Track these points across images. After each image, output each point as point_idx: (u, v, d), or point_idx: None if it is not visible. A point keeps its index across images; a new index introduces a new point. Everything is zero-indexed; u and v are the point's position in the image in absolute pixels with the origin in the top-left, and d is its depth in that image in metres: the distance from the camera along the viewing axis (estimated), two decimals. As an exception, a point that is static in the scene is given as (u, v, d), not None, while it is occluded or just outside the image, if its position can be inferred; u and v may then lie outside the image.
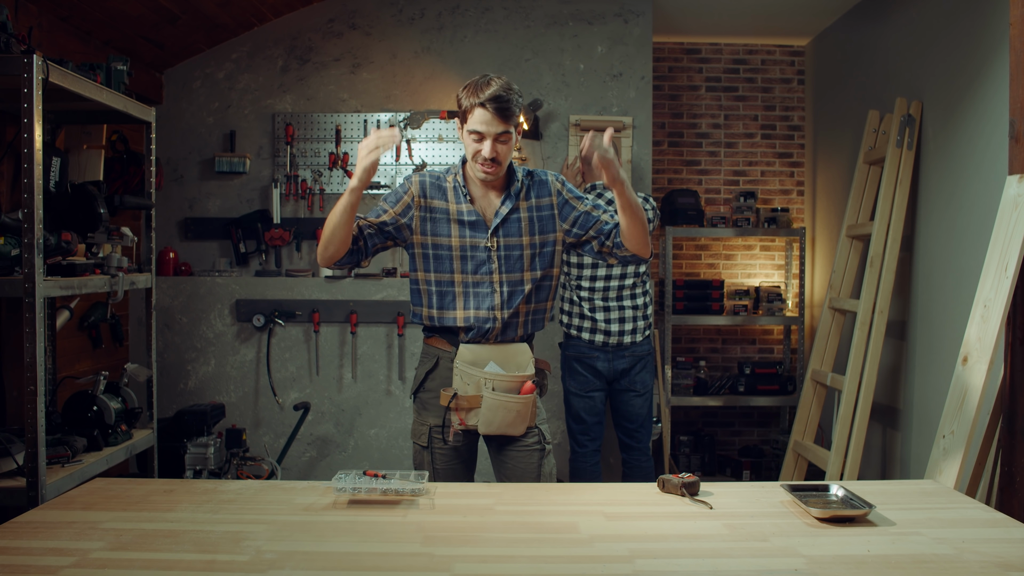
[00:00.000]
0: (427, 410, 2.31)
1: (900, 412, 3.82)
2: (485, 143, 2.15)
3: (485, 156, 2.15)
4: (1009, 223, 2.38)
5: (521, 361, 2.26)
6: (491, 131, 2.13)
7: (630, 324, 3.44)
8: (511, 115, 2.13)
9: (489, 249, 2.24)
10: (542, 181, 2.31)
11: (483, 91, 2.11)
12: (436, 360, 2.30)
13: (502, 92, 2.11)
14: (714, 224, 4.78)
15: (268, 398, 4.11)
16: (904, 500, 1.93)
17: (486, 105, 2.10)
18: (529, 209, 2.28)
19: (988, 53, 3.14)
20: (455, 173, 2.29)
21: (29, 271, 2.29)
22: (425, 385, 2.31)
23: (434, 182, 2.28)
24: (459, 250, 2.24)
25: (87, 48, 3.44)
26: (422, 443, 2.31)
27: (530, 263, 2.27)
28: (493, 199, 2.27)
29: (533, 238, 2.27)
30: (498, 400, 2.20)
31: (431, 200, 2.26)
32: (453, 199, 2.26)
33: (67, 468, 2.51)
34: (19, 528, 1.70)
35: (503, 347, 2.26)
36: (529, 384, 2.23)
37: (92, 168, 3.17)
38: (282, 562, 1.51)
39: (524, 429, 2.26)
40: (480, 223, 2.24)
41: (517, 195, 2.27)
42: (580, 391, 3.49)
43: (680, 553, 1.58)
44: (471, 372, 2.21)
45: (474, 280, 2.24)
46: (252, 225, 4.13)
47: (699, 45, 5.12)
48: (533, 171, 2.34)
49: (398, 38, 4.21)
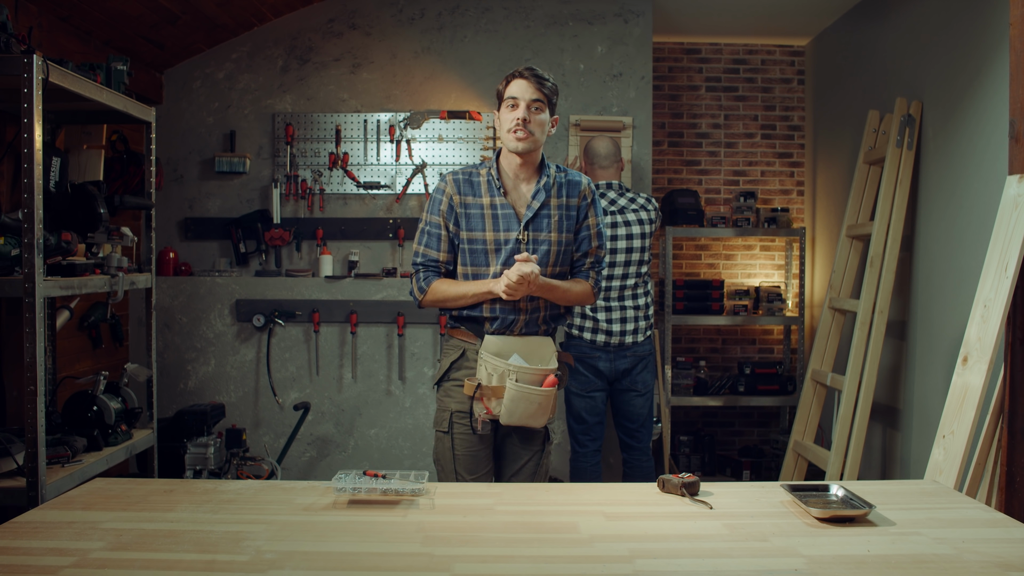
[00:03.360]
0: (450, 397, 2.37)
1: (900, 412, 3.82)
2: (519, 107, 2.27)
3: (519, 117, 2.26)
4: (1009, 223, 2.38)
5: (544, 354, 2.33)
6: (526, 96, 2.27)
7: (631, 324, 3.44)
8: (545, 85, 2.29)
9: (520, 242, 2.32)
10: (575, 182, 2.40)
11: (519, 67, 2.32)
12: (462, 351, 2.37)
13: (536, 68, 2.33)
14: (714, 224, 4.77)
15: (268, 398, 4.11)
16: (904, 500, 1.93)
17: (523, 73, 2.29)
18: (559, 208, 2.36)
19: (988, 53, 3.14)
20: (490, 167, 2.37)
21: (29, 271, 2.29)
22: (449, 375, 2.38)
23: (466, 179, 2.37)
24: (493, 243, 2.33)
25: (87, 48, 3.44)
26: (443, 429, 2.37)
27: (555, 259, 2.35)
28: (524, 191, 2.36)
29: (560, 235, 2.35)
30: (521, 391, 2.24)
31: (465, 197, 2.35)
32: (487, 192, 2.35)
33: (67, 468, 2.51)
34: (19, 528, 1.70)
35: (527, 339, 2.33)
36: (552, 377, 2.28)
37: (92, 168, 3.17)
38: (282, 562, 1.51)
39: (544, 421, 2.33)
40: (512, 216, 2.33)
41: (548, 189, 2.35)
42: (581, 391, 3.49)
43: (680, 553, 1.58)
44: (495, 363, 2.26)
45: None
46: (252, 225, 4.13)
47: (699, 45, 5.12)
48: (567, 169, 2.42)
49: (398, 38, 4.21)
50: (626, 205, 3.47)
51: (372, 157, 4.18)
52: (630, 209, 3.47)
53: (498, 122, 2.35)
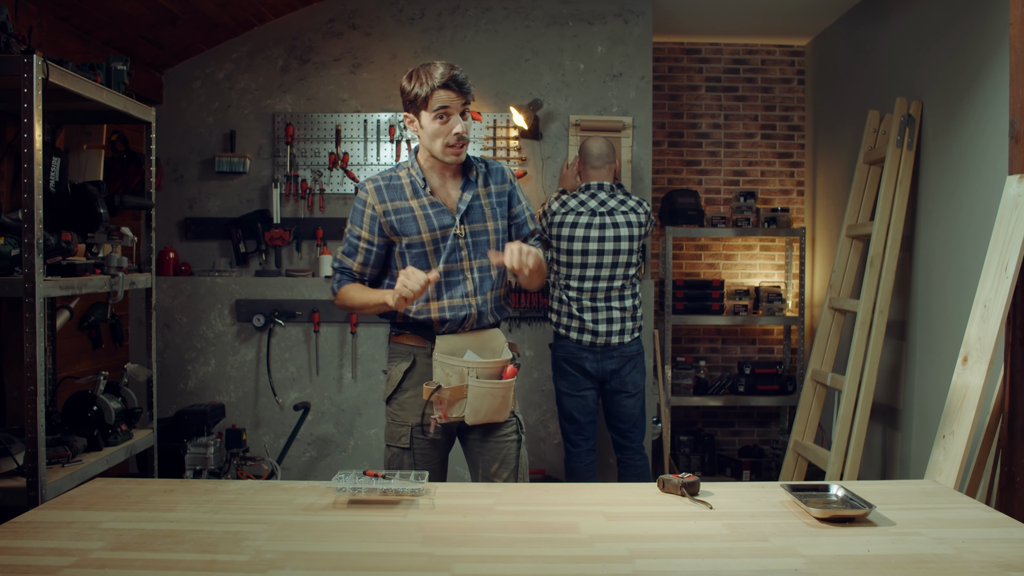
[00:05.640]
0: (406, 410, 2.30)
1: (900, 412, 3.82)
2: (453, 120, 2.17)
3: (457, 132, 2.18)
4: (1009, 223, 2.38)
5: (496, 346, 2.29)
6: (456, 106, 2.16)
7: (618, 325, 3.45)
8: (468, 90, 2.19)
9: (458, 237, 2.26)
10: (499, 169, 2.37)
11: (435, 72, 2.14)
12: (413, 358, 2.30)
13: (454, 70, 2.16)
14: (714, 224, 4.78)
15: (268, 398, 4.11)
16: (904, 500, 1.93)
17: (448, 85, 2.15)
18: (489, 195, 2.32)
19: (988, 53, 3.14)
20: (408, 167, 2.29)
21: (29, 271, 2.29)
22: (402, 386, 2.31)
23: (387, 183, 2.28)
24: (431, 244, 2.26)
25: (87, 48, 3.44)
26: (402, 445, 2.29)
27: (495, 248, 2.30)
28: (451, 189, 2.30)
29: (496, 223, 2.32)
30: (484, 387, 2.21)
31: (391, 202, 2.26)
32: (412, 194, 2.27)
33: (67, 468, 2.51)
34: (19, 528, 1.70)
35: (478, 334, 2.28)
36: (511, 367, 2.25)
37: (92, 168, 3.17)
38: (282, 562, 1.51)
39: (508, 414, 2.29)
40: (445, 212, 2.26)
41: (476, 182, 2.30)
42: (571, 391, 3.50)
43: (680, 553, 1.58)
44: (452, 363, 2.21)
45: (446, 269, 2.26)
46: (252, 225, 4.13)
47: (699, 45, 5.12)
48: (486, 160, 2.38)
49: (398, 38, 4.21)
50: (615, 207, 3.47)
51: (372, 157, 4.18)
52: (619, 211, 3.46)
53: (414, 125, 2.22)
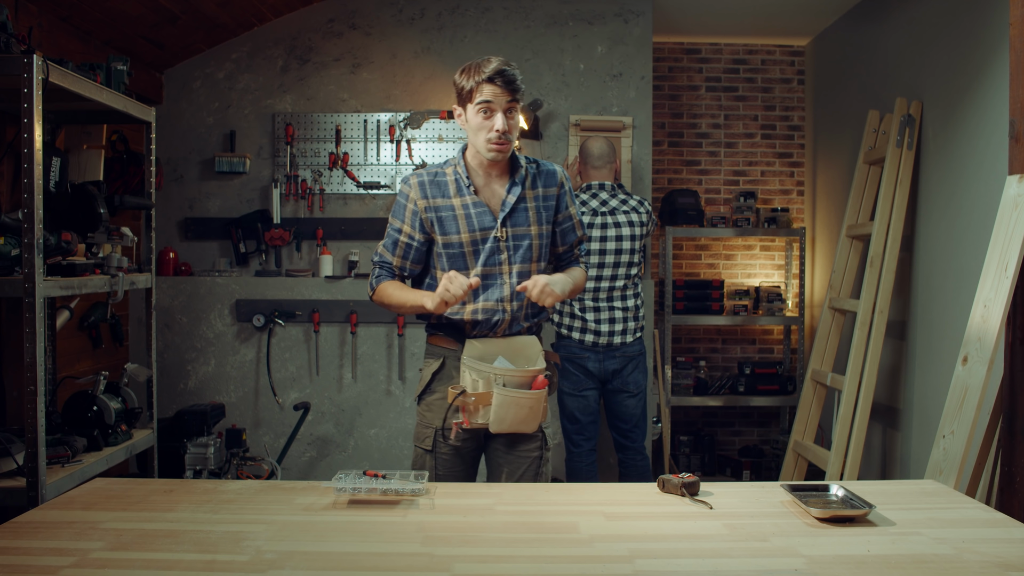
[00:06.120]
0: (432, 412, 2.26)
1: (900, 412, 3.82)
2: (496, 116, 2.11)
3: (498, 128, 2.11)
4: (1009, 223, 2.38)
5: (531, 355, 2.20)
6: (501, 102, 2.10)
7: (620, 325, 3.45)
8: (517, 88, 2.12)
9: (499, 239, 2.19)
10: (550, 172, 2.28)
11: (485, 67, 2.10)
12: (442, 360, 2.25)
13: (505, 66, 2.11)
14: (714, 224, 4.78)
15: (268, 398, 4.11)
16: (904, 500, 1.93)
17: (494, 79, 2.09)
18: (536, 199, 2.24)
19: (988, 53, 3.14)
20: (455, 164, 2.23)
21: (29, 271, 2.28)
22: (432, 387, 2.26)
23: (432, 179, 2.22)
24: (470, 244, 2.19)
25: (87, 48, 3.44)
26: (426, 447, 2.25)
27: (538, 254, 2.23)
28: (497, 188, 2.22)
29: (540, 228, 2.23)
30: (509, 397, 2.12)
31: (433, 200, 2.21)
32: (456, 192, 2.20)
33: (67, 468, 2.51)
34: (19, 528, 1.70)
35: (511, 340, 2.21)
36: (541, 379, 2.16)
37: (92, 168, 3.17)
38: (282, 562, 1.51)
39: (536, 426, 2.20)
40: (487, 214, 2.19)
41: (522, 183, 2.22)
42: (573, 390, 3.50)
43: (680, 553, 1.58)
44: (480, 368, 2.14)
45: (484, 272, 2.19)
46: (252, 225, 4.13)
47: (699, 45, 5.12)
48: (539, 161, 2.29)
49: (398, 38, 4.21)
50: (617, 206, 3.47)
51: (372, 157, 4.18)
52: (621, 211, 3.47)
53: (461, 119, 2.17)
